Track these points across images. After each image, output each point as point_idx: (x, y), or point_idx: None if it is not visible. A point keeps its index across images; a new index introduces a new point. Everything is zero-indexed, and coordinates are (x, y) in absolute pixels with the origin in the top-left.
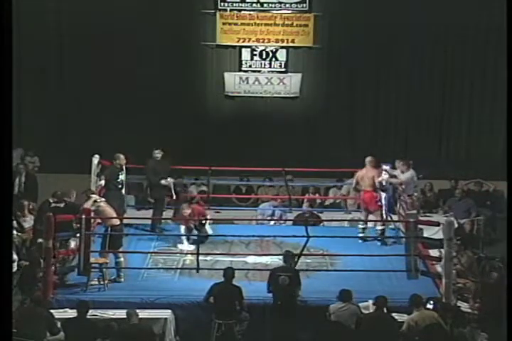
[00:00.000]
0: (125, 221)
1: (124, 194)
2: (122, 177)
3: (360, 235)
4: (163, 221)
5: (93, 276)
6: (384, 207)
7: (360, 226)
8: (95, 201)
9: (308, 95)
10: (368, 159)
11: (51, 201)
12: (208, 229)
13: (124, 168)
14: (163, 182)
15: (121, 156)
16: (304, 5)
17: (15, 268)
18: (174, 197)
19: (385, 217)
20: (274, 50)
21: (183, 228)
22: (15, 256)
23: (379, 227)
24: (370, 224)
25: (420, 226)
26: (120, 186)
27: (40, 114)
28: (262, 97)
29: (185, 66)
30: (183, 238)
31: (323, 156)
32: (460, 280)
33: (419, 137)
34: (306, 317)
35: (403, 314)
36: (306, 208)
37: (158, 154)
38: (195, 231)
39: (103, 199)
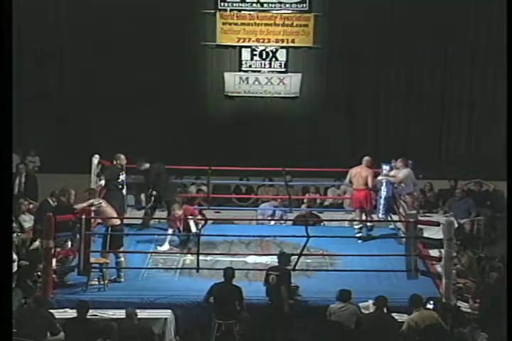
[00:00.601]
0: (125, 221)
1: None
2: (123, 177)
3: (358, 235)
4: (162, 221)
5: (93, 276)
6: (381, 206)
7: (356, 226)
8: (92, 204)
9: (308, 95)
10: (366, 158)
11: (51, 201)
12: (193, 227)
13: (124, 168)
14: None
15: (122, 156)
16: (304, 5)
17: (15, 268)
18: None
19: (384, 217)
20: (274, 50)
21: (170, 231)
22: (15, 256)
23: (368, 224)
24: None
25: (420, 226)
26: (121, 186)
27: (40, 114)
28: (262, 97)
29: (185, 66)
30: (166, 240)
31: (323, 156)
32: (460, 280)
33: (419, 137)
34: (306, 317)
35: (403, 314)
36: (304, 208)
37: (144, 165)
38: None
39: (101, 201)
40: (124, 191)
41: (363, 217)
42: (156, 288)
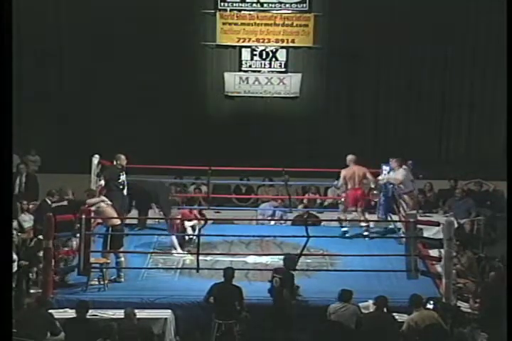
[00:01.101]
0: (126, 221)
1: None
2: (123, 177)
3: (345, 232)
4: (162, 221)
5: (93, 276)
6: (381, 206)
7: (344, 225)
8: (103, 201)
9: (308, 95)
10: (350, 157)
11: (49, 201)
12: (189, 231)
13: (125, 168)
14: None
15: (122, 157)
16: (304, 5)
17: (15, 268)
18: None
19: (384, 217)
20: (274, 50)
21: (174, 238)
22: (15, 256)
23: (363, 224)
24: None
25: (420, 226)
26: (121, 186)
27: (40, 114)
28: (262, 97)
29: (185, 66)
30: (177, 245)
31: (323, 156)
32: (460, 280)
33: (419, 137)
34: (306, 317)
35: (403, 314)
36: (301, 209)
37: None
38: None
39: (109, 202)
40: (125, 191)
41: (353, 215)
42: (156, 288)
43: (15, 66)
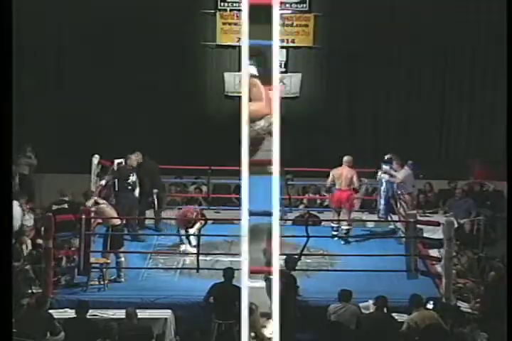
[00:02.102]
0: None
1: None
2: (133, 178)
3: (334, 233)
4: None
5: (93, 276)
6: (381, 206)
7: (333, 225)
8: (96, 202)
9: (309, 95)
10: (346, 159)
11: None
12: (196, 226)
13: (136, 168)
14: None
15: (133, 157)
16: (304, 5)
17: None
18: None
19: (384, 217)
20: None
21: (182, 231)
22: None
23: (345, 227)
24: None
25: (420, 226)
26: (130, 187)
27: (40, 113)
28: None
29: (185, 66)
30: (186, 241)
31: (323, 156)
32: (460, 280)
33: (419, 137)
34: (306, 317)
35: (403, 314)
36: (302, 209)
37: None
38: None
39: (103, 200)
40: (137, 192)
41: (341, 217)
42: (156, 288)
43: (15, 66)
